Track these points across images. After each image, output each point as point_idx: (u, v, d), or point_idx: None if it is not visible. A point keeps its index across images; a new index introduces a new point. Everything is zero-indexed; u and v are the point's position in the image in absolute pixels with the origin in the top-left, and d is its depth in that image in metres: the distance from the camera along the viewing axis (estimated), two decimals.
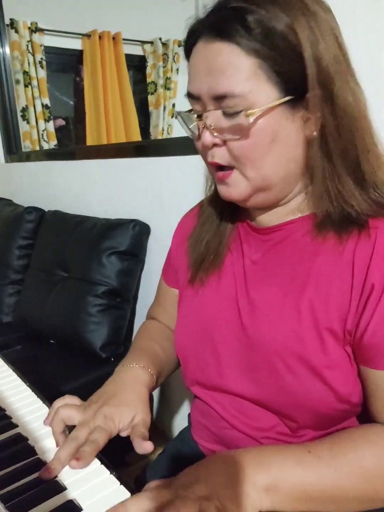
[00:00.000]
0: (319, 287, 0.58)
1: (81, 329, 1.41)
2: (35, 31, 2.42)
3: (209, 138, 0.56)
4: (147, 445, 0.57)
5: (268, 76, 0.52)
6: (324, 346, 0.57)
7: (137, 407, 0.63)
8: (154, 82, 3.01)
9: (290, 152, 0.57)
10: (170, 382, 1.59)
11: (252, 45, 0.51)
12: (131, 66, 2.99)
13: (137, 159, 1.50)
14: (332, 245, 0.58)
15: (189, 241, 0.74)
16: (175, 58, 2.99)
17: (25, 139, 2.38)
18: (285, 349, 0.59)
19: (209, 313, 0.69)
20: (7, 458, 0.57)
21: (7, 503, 0.49)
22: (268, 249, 0.65)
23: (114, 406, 0.62)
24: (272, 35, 0.51)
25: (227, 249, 0.70)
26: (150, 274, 1.51)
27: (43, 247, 1.71)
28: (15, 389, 0.74)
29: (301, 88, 0.53)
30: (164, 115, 3.03)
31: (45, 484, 0.52)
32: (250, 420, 0.66)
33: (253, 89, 0.52)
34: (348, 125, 0.55)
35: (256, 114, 0.53)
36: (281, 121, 0.55)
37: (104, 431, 0.58)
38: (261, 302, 0.63)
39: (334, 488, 0.52)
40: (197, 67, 0.55)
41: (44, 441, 0.60)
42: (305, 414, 0.61)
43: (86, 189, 1.77)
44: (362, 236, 0.56)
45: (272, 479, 0.51)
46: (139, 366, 0.70)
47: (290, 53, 0.52)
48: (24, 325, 1.64)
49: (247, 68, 0.52)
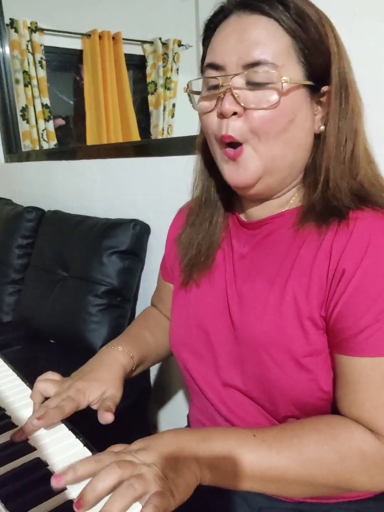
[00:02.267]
0: (301, 278, 0.59)
1: (82, 328, 1.41)
2: (35, 31, 2.41)
3: (231, 105, 0.55)
4: (107, 415, 0.62)
5: (298, 57, 0.55)
6: (306, 335, 0.58)
7: (109, 384, 0.68)
8: (154, 82, 3.01)
9: (302, 138, 0.59)
10: (170, 382, 1.59)
11: (290, 24, 0.54)
12: (131, 66, 2.99)
13: (137, 159, 1.50)
14: (313, 236, 0.59)
15: (180, 243, 0.75)
16: (175, 58, 2.98)
17: (25, 139, 2.38)
18: (269, 340, 0.60)
19: (203, 309, 0.71)
20: (7, 458, 0.56)
21: (7, 503, 0.49)
22: (256, 243, 0.66)
23: (87, 381, 0.68)
24: (306, 19, 0.54)
25: (218, 246, 0.71)
26: (150, 273, 1.51)
27: (43, 246, 1.71)
28: (15, 389, 0.74)
29: (321, 79, 0.57)
30: (164, 115, 3.02)
31: (45, 484, 0.52)
32: (245, 414, 0.67)
33: (285, 64, 0.54)
34: (349, 125, 0.58)
35: (288, 86, 0.54)
36: (302, 103, 0.57)
37: (72, 401, 0.63)
38: (248, 296, 0.64)
39: (273, 470, 0.53)
40: (227, 38, 0.56)
41: (44, 440, 0.60)
42: (291, 405, 0.62)
43: (86, 189, 1.76)
44: (341, 226, 0.57)
45: (213, 457, 0.53)
46: (119, 349, 0.75)
47: (319, 42, 0.55)
48: (24, 324, 1.64)
49: (283, 43, 0.54)
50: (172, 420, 1.64)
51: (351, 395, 0.56)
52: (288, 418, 0.64)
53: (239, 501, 0.66)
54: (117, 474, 0.46)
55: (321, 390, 0.60)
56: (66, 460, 0.56)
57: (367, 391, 0.55)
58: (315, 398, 0.60)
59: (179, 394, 1.57)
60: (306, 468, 0.53)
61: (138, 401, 1.46)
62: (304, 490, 0.56)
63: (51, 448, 0.58)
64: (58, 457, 0.57)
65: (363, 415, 0.55)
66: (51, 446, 0.59)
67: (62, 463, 0.56)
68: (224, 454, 0.53)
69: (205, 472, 0.52)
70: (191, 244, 0.72)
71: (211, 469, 0.52)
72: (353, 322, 0.55)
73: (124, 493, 0.45)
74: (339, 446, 0.54)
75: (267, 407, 0.65)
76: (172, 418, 1.63)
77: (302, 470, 0.53)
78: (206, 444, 0.54)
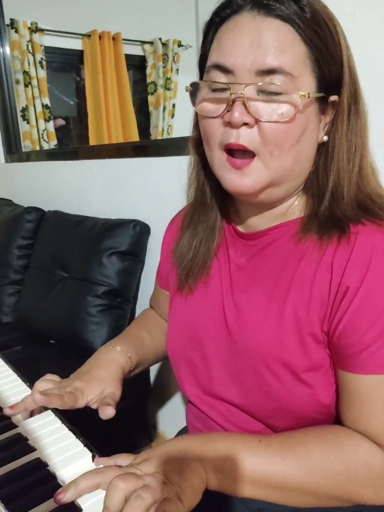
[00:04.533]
0: (301, 292, 0.58)
1: (81, 329, 1.41)
2: (35, 31, 2.42)
3: (241, 116, 0.51)
4: (109, 409, 0.62)
5: (312, 68, 0.52)
6: (306, 350, 0.57)
7: (107, 383, 0.68)
8: (154, 82, 3.01)
9: (309, 150, 0.57)
10: (169, 382, 1.59)
11: (307, 31, 0.51)
12: (131, 66, 2.99)
13: (137, 159, 1.50)
14: (313, 249, 0.58)
15: (176, 249, 0.73)
16: (175, 58, 2.99)
17: (25, 139, 2.38)
18: (268, 353, 0.59)
19: (198, 319, 0.69)
20: (7, 458, 0.57)
21: (7, 503, 0.49)
22: (254, 254, 0.65)
23: (85, 380, 0.68)
24: (323, 26, 0.52)
25: (214, 255, 0.69)
26: (150, 274, 1.51)
27: (43, 247, 1.71)
28: (15, 389, 0.74)
29: (331, 89, 0.55)
30: (164, 115, 3.03)
31: (45, 484, 0.52)
32: (243, 423, 0.66)
33: (301, 74, 0.51)
34: (358, 136, 0.56)
35: (307, 100, 0.52)
36: (312, 115, 0.55)
37: (72, 395, 0.64)
38: (246, 307, 0.63)
39: (278, 476, 0.52)
40: (239, 39, 0.51)
41: (44, 440, 0.60)
42: (289, 418, 0.61)
43: (86, 189, 1.76)
44: (342, 241, 0.56)
45: (219, 460, 0.52)
46: (119, 349, 0.75)
47: (334, 51, 0.53)
48: (24, 325, 1.64)
49: (300, 52, 0.51)
50: (171, 420, 1.64)
51: (356, 411, 0.56)
52: (286, 432, 0.63)
53: (238, 503, 0.65)
54: (122, 489, 0.45)
55: (321, 404, 0.59)
56: (66, 460, 0.56)
57: (371, 407, 0.54)
58: (314, 412, 0.60)
59: (178, 394, 1.57)
60: (311, 476, 0.52)
61: (138, 402, 1.46)
62: (307, 500, 0.54)
63: (51, 448, 0.58)
64: (58, 457, 0.56)
65: (368, 430, 0.55)
66: (51, 446, 0.59)
67: (62, 463, 0.56)
68: (229, 456, 0.52)
69: (210, 474, 0.51)
70: (187, 247, 0.70)
71: (216, 471, 0.51)
72: (357, 339, 0.54)
73: (135, 505, 0.44)
74: (345, 456, 0.53)
75: (264, 420, 0.64)
76: (171, 418, 1.63)
77: (306, 478, 0.52)
78: (211, 445, 0.53)
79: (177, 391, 1.57)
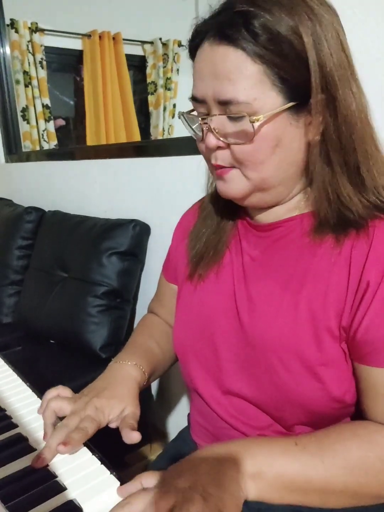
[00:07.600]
0: (317, 285, 0.58)
1: (81, 329, 1.41)
2: (35, 31, 2.42)
3: (213, 141, 0.57)
4: (135, 435, 0.59)
5: (272, 82, 0.52)
6: (320, 343, 0.58)
7: (127, 401, 0.66)
8: (154, 82, 3.01)
9: (292, 156, 0.57)
10: (170, 382, 1.59)
11: (258, 50, 0.50)
12: (131, 66, 2.99)
13: (137, 159, 1.50)
14: (330, 245, 0.58)
15: (189, 236, 0.75)
16: (175, 58, 2.99)
17: (25, 139, 2.38)
18: (281, 345, 0.60)
19: (208, 309, 0.69)
20: (7, 458, 0.57)
21: (7, 503, 0.49)
22: (267, 246, 0.65)
23: (105, 398, 0.64)
24: (278, 40, 0.50)
25: (226, 246, 0.70)
26: (150, 274, 1.51)
27: (43, 248, 1.71)
28: (15, 389, 0.74)
29: (305, 93, 0.53)
30: (165, 115, 3.03)
31: (45, 484, 0.52)
32: (247, 419, 0.66)
33: (258, 96, 0.52)
34: (348, 130, 0.55)
35: (261, 121, 0.53)
36: (285, 126, 0.55)
37: (93, 421, 0.60)
38: (259, 299, 0.63)
39: (319, 479, 0.52)
40: (203, 70, 0.55)
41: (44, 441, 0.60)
42: (299, 412, 0.61)
43: (86, 189, 1.77)
44: (360, 234, 0.56)
45: (257, 466, 0.51)
46: (131, 364, 0.72)
47: (294, 59, 0.51)
48: (24, 325, 1.64)
49: (252, 74, 0.51)
50: (172, 420, 1.64)
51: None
52: (295, 426, 0.63)
53: None
54: (163, 508, 0.44)
55: (333, 400, 0.59)
56: (66, 461, 0.56)
57: None
58: (326, 407, 0.59)
59: (179, 394, 1.57)
60: (352, 475, 0.52)
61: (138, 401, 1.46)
62: (348, 501, 0.53)
63: None
64: (59, 457, 0.56)
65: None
66: None
67: (63, 463, 0.56)
68: (268, 462, 0.51)
69: (249, 483, 0.50)
70: (200, 237, 0.72)
71: (255, 479, 0.50)
72: (382, 333, 0.54)
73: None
74: (382, 452, 0.53)
75: (273, 413, 0.63)
76: (172, 418, 1.63)
77: (349, 478, 0.52)
78: (247, 452, 0.52)
79: (178, 391, 1.57)
